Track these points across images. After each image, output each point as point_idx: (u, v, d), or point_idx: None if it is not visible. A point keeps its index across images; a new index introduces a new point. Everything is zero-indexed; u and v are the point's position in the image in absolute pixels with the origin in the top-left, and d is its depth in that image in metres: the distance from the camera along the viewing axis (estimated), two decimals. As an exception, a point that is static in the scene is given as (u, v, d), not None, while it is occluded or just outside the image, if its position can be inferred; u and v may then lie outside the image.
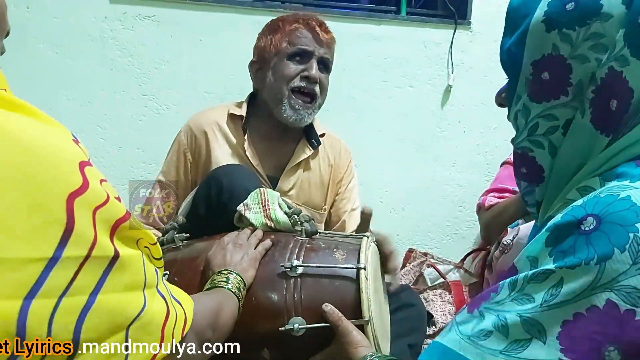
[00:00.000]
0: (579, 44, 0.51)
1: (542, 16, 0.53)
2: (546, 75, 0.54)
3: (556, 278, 0.43)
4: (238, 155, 1.23)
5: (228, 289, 0.73)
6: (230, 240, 0.85)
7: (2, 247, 0.36)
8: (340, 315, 0.76)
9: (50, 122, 0.42)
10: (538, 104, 0.55)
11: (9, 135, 0.38)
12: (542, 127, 0.55)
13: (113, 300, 0.42)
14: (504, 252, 1.37)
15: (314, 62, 1.19)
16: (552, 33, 0.52)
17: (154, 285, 0.49)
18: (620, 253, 0.41)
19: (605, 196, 0.45)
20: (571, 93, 0.52)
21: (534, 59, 0.54)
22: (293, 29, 1.19)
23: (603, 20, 0.50)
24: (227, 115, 1.25)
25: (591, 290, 0.41)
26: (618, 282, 0.41)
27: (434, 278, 1.58)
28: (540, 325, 0.43)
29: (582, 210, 0.45)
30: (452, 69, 1.91)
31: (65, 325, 0.38)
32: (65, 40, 1.64)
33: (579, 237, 0.44)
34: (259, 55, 1.24)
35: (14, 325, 0.35)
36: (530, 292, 0.45)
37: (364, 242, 0.86)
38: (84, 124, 1.66)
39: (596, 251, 0.42)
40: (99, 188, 0.42)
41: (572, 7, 0.51)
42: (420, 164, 1.94)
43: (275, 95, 1.19)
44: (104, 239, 0.41)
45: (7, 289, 0.36)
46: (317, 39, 1.20)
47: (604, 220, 0.43)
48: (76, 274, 0.39)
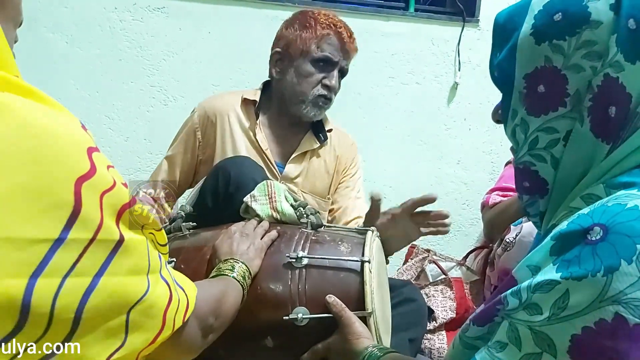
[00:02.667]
0: (572, 54, 0.50)
1: (530, 29, 0.53)
2: (542, 88, 0.53)
3: (562, 289, 0.42)
4: (248, 139, 1.25)
5: (233, 277, 0.74)
6: (237, 229, 0.86)
7: (9, 226, 0.36)
8: (343, 306, 0.77)
9: (60, 109, 0.43)
10: (536, 117, 0.54)
11: (19, 119, 0.38)
12: (542, 141, 0.54)
13: (116, 283, 0.43)
14: (506, 250, 1.38)
15: (336, 71, 1.23)
16: (542, 45, 0.52)
17: (157, 271, 0.49)
18: (628, 265, 0.40)
19: (612, 205, 0.44)
20: (569, 104, 0.51)
21: (527, 72, 0.54)
22: (325, 34, 1.21)
23: (593, 27, 0.49)
24: (241, 100, 1.27)
25: (599, 303, 0.40)
26: (626, 294, 0.39)
27: (435, 274, 1.58)
28: (550, 340, 0.42)
29: (588, 219, 0.44)
30: (459, 66, 1.91)
31: (68, 304, 0.39)
32: (75, 30, 1.65)
33: (584, 247, 0.42)
34: (285, 47, 1.24)
35: (19, 303, 0.36)
36: (538, 302, 0.44)
37: (368, 236, 0.87)
38: (92, 113, 1.67)
39: (603, 263, 0.41)
40: (106, 173, 0.43)
41: (559, 18, 0.51)
42: (425, 161, 1.95)
43: (295, 94, 1.22)
44: (109, 223, 0.42)
45: (13, 268, 0.36)
46: (344, 49, 1.23)
47: (611, 230, 0.42)
48: (81, 256, 0.40)
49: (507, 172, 1.58)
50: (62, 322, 0.39)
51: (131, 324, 0.46)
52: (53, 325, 0.39)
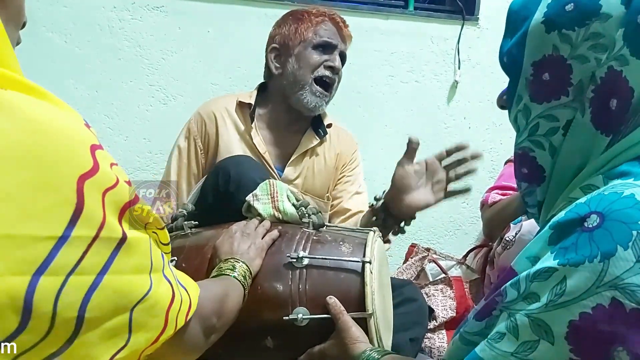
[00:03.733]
0: (579, 44, 0.51)
1: (542, 17, 0.54)
2: (547, 76, 0.54)
3: (559, 276, 0.43)
4: (245, 143, 1.24)
5: (234, 277, 0.74)
6: (238, 229, 0.86)
7: (13, 224, 0.36)
8: (341, 309, 0.77)
9: (63, 106, 0.43)
10: (539, 104, 0.55)
11: (22, 116, 0.38)
12: (542, 128, 0.55)
13: (119, 282, 0.43)
14: (506, 248, 1.38)
15: (337, 54, 1.25)
16: (552, 34, 0.53)
17: (160, 270, 0.50)
18: (624, 251, 0.40)
19: (609, 194, 0.45)
20: (571, 93, 0.52)
21: (534, 60, 0.55)
22: (320, 20, 1.25)
23: (602, 20, 0.50)
24: (236, 103, 1.27)
25: (595, 288, 0.41)
26: (622, 280, 0.40)
27: (435, 273, 1.58)
28: (547, 326, 0.43)
29: (585, 208, 0.45)
30: (459, 64, 1.90)
31: (71, 303, 0.39)
32: (74, 29, 1.64)
33: (581, 235, 0.43)
34: (281, 41, 1.26)
35: (21, 301, 0.36)
36: (536, 291, 0.44)
37: (370, 237, 0.87)
38: (92, 112, 1.66)
39: (599, 249, 0.41)
40: (109, 171, 0.43)
41: (571, 8, 0.52)
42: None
43: (297, 81, 1.22)
44: (112, 221, 0.42)
45: (16, 265, 0.36)
46: (341, 34, 1.27)
47: (607, 217, 0.43)
48: (84, 254, 0.40)
49: (506, 170, 1.58)
50: (65, 321, 0.39)
51: (134, 323, 0.46)
52: (56, 324, 0.39)
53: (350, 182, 1.35)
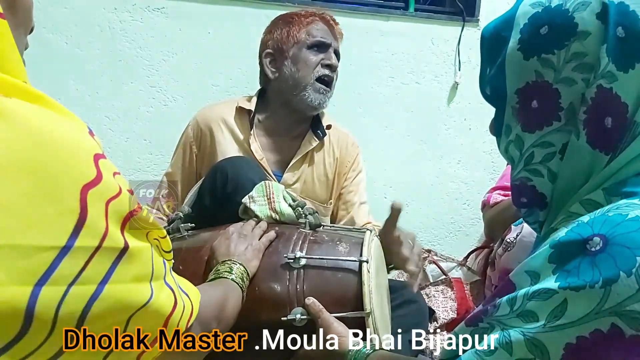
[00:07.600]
0: (562, 67, 0.49)
1: (517, 44, 0.52)
2: (535, 104, 0.52)
3: (559, 299, 0.42)
4: (243, 150, 1.24)
5: (232, 280, 0.74)
6: (235, 230, 0.86)
7: (16, 234, 0.36)
8: (320, 308, 0.77)
9: (67, 115, 0.43)
10: (531, 133, 0.53)
11: (26, 126, 0.38)
12: (538, 156, 0.53)
13: (120, 291, 0.43)
14: (507, 250, 1.37)
15: (332, 52, 1.25)
16: (531, 60, 0.51)
17: (161, 277, 0.50)
18: (627, 277, 0.39)
19: (613, 215, 0.43)
20: (564, 117, 0.50)
21: (518, 87, 0.53)
22: (310, 21, 1.25)
23: (581, 38, 0.48)
24: (235, 110, 1.26)
25: (595, 314, 0.40)
26: (623, 306, 0.39)
27: (436, 275, 1.58)
28: (544, 347, 0.42)
29: (588, 229, 0.44)
30: (459, 66, 1.90)
31: (71, 312, 0.39)
32: (75, 30, 1.65)
33: (584, 258, 0.42)
34: (275, 46, 1.26)
35: (22, 311, 0.36)
36: (534, 309, 0.44)
37: (367, 236, 0.87)
38: (92, 114, 1.67)
39: (601, 274, 0.40)
40: (112, 181, 0.43)
41: (546, 31, 0.50)
42: (425, 161, 1.94)
43: (298, 83, 1.22)
44: (114, 231, 0.42)
45: (18, 275, 0.36)
46: (333, 32, 1.27)
47: (611, 241, 0.41)
48: (86, 264, 0.40)
49: (508, 171, 1.57)
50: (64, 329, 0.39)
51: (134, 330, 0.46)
52: (55, 332, 0.39)
53: (353, 192, 1.34)
